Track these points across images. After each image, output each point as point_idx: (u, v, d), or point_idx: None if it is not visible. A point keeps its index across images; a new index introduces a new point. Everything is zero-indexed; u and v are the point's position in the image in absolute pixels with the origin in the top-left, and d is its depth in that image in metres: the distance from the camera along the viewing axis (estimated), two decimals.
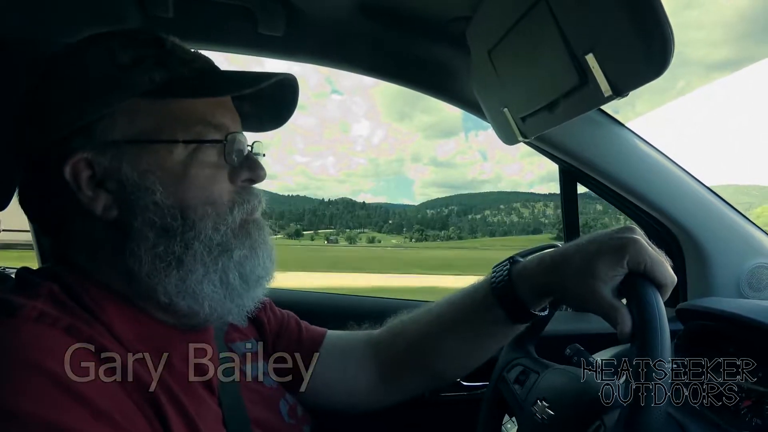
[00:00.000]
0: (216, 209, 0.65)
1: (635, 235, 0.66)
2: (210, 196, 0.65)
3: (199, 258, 0.64)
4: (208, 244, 0.64)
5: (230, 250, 0.66)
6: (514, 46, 0.93)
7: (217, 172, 0.66)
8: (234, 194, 0.68)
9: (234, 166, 0.68)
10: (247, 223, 0.69)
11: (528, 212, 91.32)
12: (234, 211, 0.67)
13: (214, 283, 0.65)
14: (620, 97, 0.71)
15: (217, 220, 0.65)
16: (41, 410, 0.45)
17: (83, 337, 0.53)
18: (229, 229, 0.66)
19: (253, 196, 0.70)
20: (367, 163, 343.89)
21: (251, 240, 0.68)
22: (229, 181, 0.68)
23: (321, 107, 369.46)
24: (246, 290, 0.68)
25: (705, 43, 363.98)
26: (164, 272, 0.62)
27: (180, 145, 0.64)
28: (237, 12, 1.11)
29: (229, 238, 0.66)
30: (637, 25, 0.63)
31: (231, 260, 0.66)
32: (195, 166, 0.64)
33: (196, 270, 0.63)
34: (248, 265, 0.67)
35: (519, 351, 0.95)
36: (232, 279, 0.66)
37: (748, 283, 1.28)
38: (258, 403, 0.75)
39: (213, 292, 0.65)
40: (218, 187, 0.66)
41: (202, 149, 0.65)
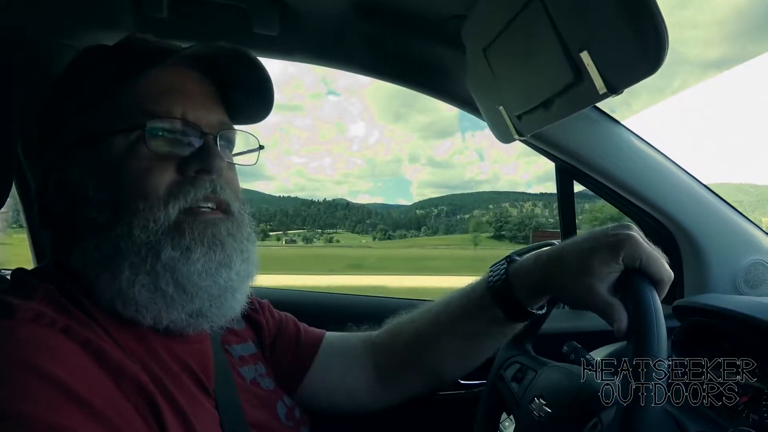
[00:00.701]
0: (148, 204, 0.61)
1: (631, 231, 0.66)
2: (142, 190, 0.61)
3: (127, 257, 0.60)
4: (135, 242, 0.60)
5: (159, 251, 0.60)
6: (509, 45, 0.93)
7: (156, 163, 0.62)
8: (174, 187, 0.63)
9: (185, 157, 0.65)
10: (183, 221, 0.62)
11: (516, 211, 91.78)
12: (169, 206, 0.61)
13: (148, 289, 0.60)
14: (615, 94, 0.71)
15: (148, 215, 0.60)
16: (38, 411, 0.45)
17: (80, 338, 0.53)
18: (159, 227, 0.61)
19: (198, 187, 0.64)
20: (364, 163, 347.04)
21: (185, 239, 0.62)
22: (176, 171, 0.64)
23: (317, 108, 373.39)
24: (187, 300, 0.62)
25: (700, 41, 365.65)
26: (95, 272, 0.60)
27: (119, 138, 0.62)
28: (231, 12, 1.11)
29: (157, 236, 0.60)
30: (632, 22, 0.63)
31: (159, 261, 0.60)
32: (132, 158, 0.62)
33: (123, 271, 0.59)
34: (182, 270, 0.61)
35: (516, 349, 0.95)
36: (164, 285, 0.60)
37: (745, 280, 1.28)
38: (256, 406, 0.74)
39: (148, 299, 0.60)
40: (154, 180, 0.62)
41: (143, 141, 0.62)
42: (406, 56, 1.29)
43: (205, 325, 0.65)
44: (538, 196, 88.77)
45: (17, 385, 0.46)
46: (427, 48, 1.25)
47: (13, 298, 0.54)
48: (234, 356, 0.79)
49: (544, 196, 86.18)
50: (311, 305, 1.56)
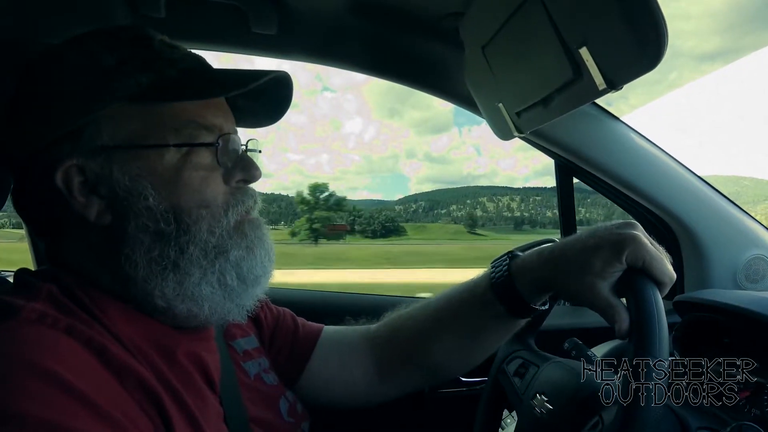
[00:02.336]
0: (210, 212, 0.64)
1: (635, 230, 0.66)
2: (204, 199, 0.64)
3: (195, 261, 0.63)
4: (203, 247, 0.63)
5: (227, 251, 0.65)
6: (508, 42, 0.93)
7: (210, 174, 0.65)
8: (228, 195, 0.66)
9: (228, 168, 0.68)
10: (242, 223, 0.68)
11: (493, 206, 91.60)
12: (229, 213, 0.66)
13: (212, 285, 0.64)
14: (615, 90, 0.71)
15: (212, 222, 0.64)
16: (42, 411, 0.45)
17: (83, 337, 0.53)
18: (224, 231, 0.65)
19: (248, 196, 0.69)
20: (362, 160, 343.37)
21: (247, 240, 0.67)
22: (223, 182, 0.67)
23: (312, 105, 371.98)
24: (244, 290, 0.67)
25: (693, 34, 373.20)
26: (160, 276, 0.62)
27: (171, 149, 0.63)
28: (229, 11, 1.11)
29: (224, 239, 0.65)
30: (631, 18, 0.63)
31: (228, 261, 0.65)
32: (187, 169, 0.63)
33: (193, 273, 0.63)
34: (245, 265, 0.67)
35: (519, 343, 0.95)
36: (230, 280, 0.65)
37: (745, 275, 1.28)
38: (257, 402, 0.74)
39: (212, 293, 0.64)
40: (212, 190, 0.65)
41: (195, 152, 0.64)
42: (405, 54, 1.29)
43: (243, 311, 0.70)
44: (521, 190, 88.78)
45: (21, 386, 0.46)
46: (426, 46, 1.25)
47: (16, 299, 0.54)
48: (238, 351, 0.80)
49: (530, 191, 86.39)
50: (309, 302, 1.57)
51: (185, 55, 0.69)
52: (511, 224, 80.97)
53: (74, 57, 0.64)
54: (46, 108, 0.62)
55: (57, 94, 0.62)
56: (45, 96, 0.63)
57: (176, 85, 0.64)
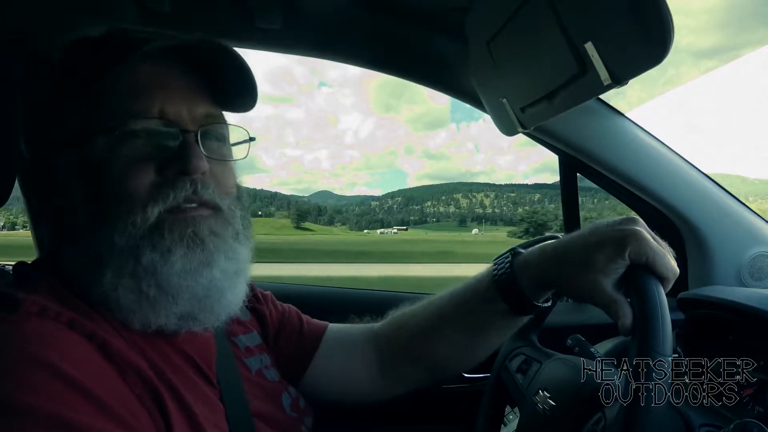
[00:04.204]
0: (129, 206, 0.59)
1: (637, 226, 0.65)
2: (122, 193, 0.59)
3: (108, 261, 0.58)
4: (116, 246, 0.58)
5: (138, 254, 0.59)
6: (513, 37, 0.92)
7: (136, 165, 0.60)
8: (153, 189, 0.60)
9: (166, 157, 0.62)
10: (164, 220, 0.60)
11: (467, 203, 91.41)
12: (148, 208, 0.59)
13: (131, 291, 0.59)
14: (620, 85, 0.71)
15: (128, 219, 0.59)
16: (45, 404, 0.45)
17: (85, 331, 0.53)
18: (139, 230, 0.59)
19: (178, 189, 0.61)
20: (360, 156, 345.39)
21: (164, 242, 0.60)
22: (156, 173, 0.61)
23: (309, 99, 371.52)
24: (169, 301, 0.60)
25: (691, 29, 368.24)
26: (84, 276, 0.60)
27: (100, 140, 0.60)
28: (233, 6, 1.11)
29: (138, 240, 0.59)
30: (637, 12, 0.63)
31: (139, 265, 0.58)
32: (113, 160, 0.60)
33: (106, 274, 0.58)
34: (162, 271, 0.59)
35: (522, 340, 0.95)
36: (146, 288, 0.59)
37: (749, 272, 1.28)
38: (260, 397, 0.75)
39: (132, 301, 0.59)
40: (134, 182, 0.60)
41: (123, 142, 0.60)
42: (410, 49, 1.29)
43: (196, 327, 0.64)
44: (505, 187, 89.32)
45: (24, 378, 0.46)
46: (431, 41, 1.25)
47: (18, 292, 0.54)
48: (240, 347, 0.80)
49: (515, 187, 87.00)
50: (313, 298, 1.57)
51: (144, 38, 0.63)
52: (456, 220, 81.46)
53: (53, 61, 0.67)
54: (33, 108, 0.67)
55: (35, 96, 0.68)
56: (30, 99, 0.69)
57: (89, 68, 0.61)
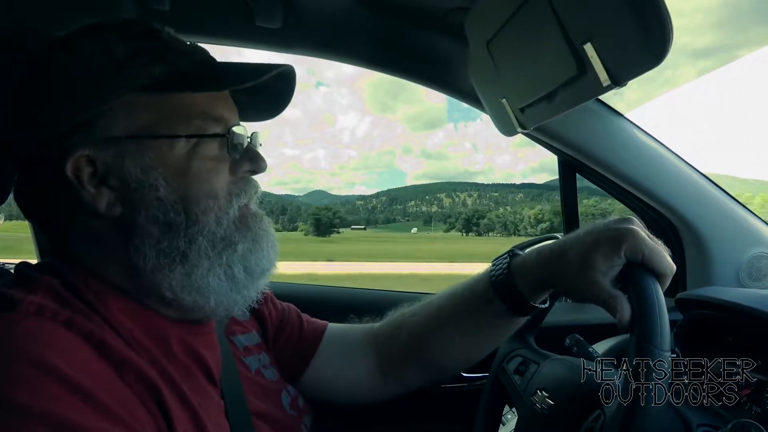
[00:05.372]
0: (218, 203, 0.65)
1: (632, 225, 0.67)
2: (212, 190, 0.65)
3: (203, 253, 0.64)
4: (211, 238, 0.64)
5: (234, 243, 0.66)
6: (512, 37, 0.92)
7: (218, 165, 0.66)
8: (231, 185, 0.67)
9: (235, 159, 0.68)
10: (245, 216, 0.69)
11: (450, 202, 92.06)
12: (233, 203, 0.66)
13: (220, 277, 0.65)
14: (619, 86, 0.71)
15: (219, 213, 0.65)
16: (41, 403, 0.45)
17: (83, 330, 0.53)
18: (231, 222, 0.66)
19: (250, 186, 0.70)
20: (358, 155, 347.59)
21: (252, 232, 0.68)
22: (229, 173, 0.67)
23: (307, 98, 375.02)
24: (251, 282, 0.68)
25: (687, 30, 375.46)
26: (169, 268, 0.62)
27: (182, 140, 0.63)
28: (233, 4, 1.11)
29: (231, 231, 0.66)
30: (636, 13, 0.63)
31: (235, 254, 0.66)
32: (197, 160, 0.64)
33: (201, 265, 0.64)
34: (252, 258, 0.68)
35: (519, 342, 0.95)
36: (237, 273, 0.66)
37: (748, 273, 1.28)
38: (259, 396, 0.75)
39: (218, 285, 0.65)
40: (219, 180, 0.66)
41: (204, 143, 0.64)
42: (409, 49, 1.29)
43: (245, 304, 0.70)
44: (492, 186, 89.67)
45: (20, 378, 0.46)
46: (430, 41, 1.25)
47: (16, 292, 0.54)
48: (238, 346, 0.80)
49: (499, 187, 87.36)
50: (313, 297, 1.57)
51: (194, 47, 0.69)
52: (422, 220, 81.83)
53: (87, 46, 0.64)
54: (57, 98, 0.62)
55: (69, 84, 0.62)
56: (57, 86, 0.63)
57: (188, 77, 0.65)
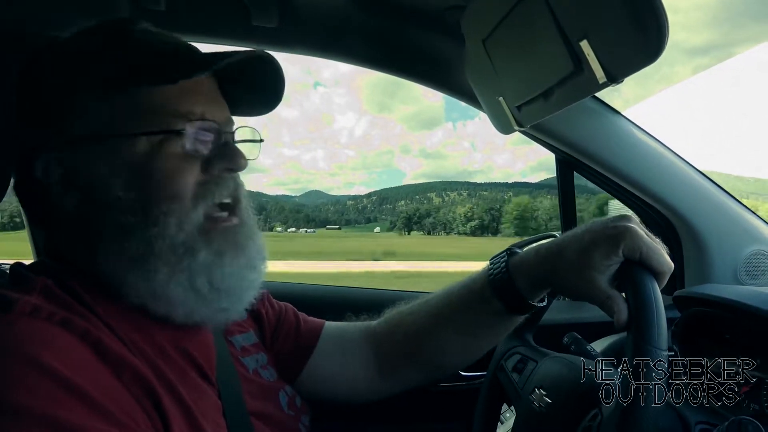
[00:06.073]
0: (180, 205, 0.61)
1: (630, 223, 0.66)
2: (173, 191, 0.61)
3: (163, 257, 0.61)
4: (171, 242, 0.61)
5: (194, 251, 0.62)
6: (509, 35, 0.92)
7: (183, 164, 0.63)
8: (199, 186, 0.63)
9: (206, 156, 0.65)
10: (210, 229, 0.64)
11: (439, 201, 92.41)
12: (198, 206, 0.62)
13: (183, 286, 0.61)
14: (615, 83, 0.71)
15: (181, 216, 0.61)
16: (37, 404, 0.45)
17: (79, 330, 0.53)
18: (194, 228, 0.62)
19: (222, 186, 0.65)
20: (357, 155, 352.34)
21: (215, 245, 0.64)
22: (201, 171, 0.64)
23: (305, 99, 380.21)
24: (219, 298, 0.64)
25: (683, 26, 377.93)
26: (130, 271, 0.60)
27: (143, 138, 0.61)
28: (229, 3, 1.11)
29: (194, 237, 0.62)
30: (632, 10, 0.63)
31: (195, 263, 0.62)
32: (159, 158, 0.61)
33: (160, 270, 0.60)
34: (216, 272, 0.63)
35: (517, 339, 0.95)
36: (200, 285, 0.62)
37: (746, 270, 1.28)
38: (257, 396, 0.74)
39: (183, 296, 0.62)
40: (183, 180, 0.62)
41: (168, 140, 0.62)
42: (406, 48, 1.29)
43: (223, 318, 0.68)
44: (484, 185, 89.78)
45: (16, 378, 0.46)
46: (426, 39, 1.25)
47: (11, 292, 0.54)
48: (236, 346, 0.80)
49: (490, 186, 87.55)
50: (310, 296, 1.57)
51: (164, 40, 0.67)
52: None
53: (60, 50, 0.65)
54: (31, 102, 0.64)
55: (43, 87, 0.64)
56: (30, 91, 0.65)
57: (145, 71, 0.62)
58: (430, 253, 53.24)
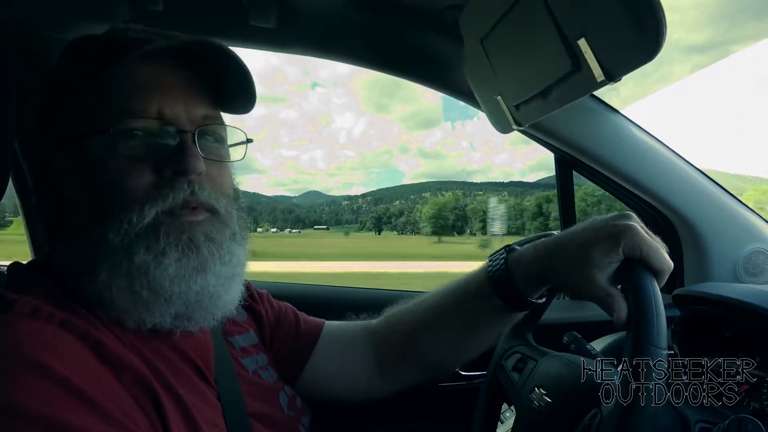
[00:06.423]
0: (124, 206, 0.59)
1: (631, 221, 0.66)
2: (118, 192, 0.59)
3: (103, 260, 0.58)
4: (110, 245, 0.58)
5: (131, 253, 0.58)
6: (507, 34, 0.92)
7: (133, 165, 0.60)
8: (150, 189, 0.60)
9: (160, 157, 0.62)
10: (161, 223, 0.60)
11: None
12: (144, 208, 0.59)
13: (125, 291, 0.59)
14: (613, 81, 0.71)
15: (124, 219, 0.58)
16: (37, 405, 0.45)
17: (79, 331, 0.53)
18: (133, 229, 0.58)
19: (176, 190, 0.61)
20: (356, 155, 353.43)
21: (159, 244, 0.59)
22: (154, 173, 0.61)
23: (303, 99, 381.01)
24: (162, 304, 0.60)
25: (681, 25, 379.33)
26: (79, 273, 0.59)
27: (94, 139, 0.60)
28: (227, 3, 1.10)
29: (133, 240, 0.58)
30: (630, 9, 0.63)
31: (132, 264, 0.58)
32: (109, 159, 0.60)
33: (101, 273, 0.58)
34: (155, 275, 0.59)
35: (517, 339, 0.95)
36: (139, 288, 0.59)
37: (745, 269, 1.28)
38: (257, 397, 0.74)
39: (127, 302, 0.59)
40: (131, 182, 0.59)
41: (120, 140, 0.60)
42: (404, 47, 1.28)
43: (191, 326, 0.64)
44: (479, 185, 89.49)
45: (16, 379, 0.46)
46: (425, 39, 1.25)
47: (11, 293, 0.54)
48: (236, 347, 0.79)
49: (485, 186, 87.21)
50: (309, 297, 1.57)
51: (130, 37, 0.64)
52: None
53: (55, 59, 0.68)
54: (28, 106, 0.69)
55: (34, 93, 0.68)
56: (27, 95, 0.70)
57: (91, 68, 0.61)
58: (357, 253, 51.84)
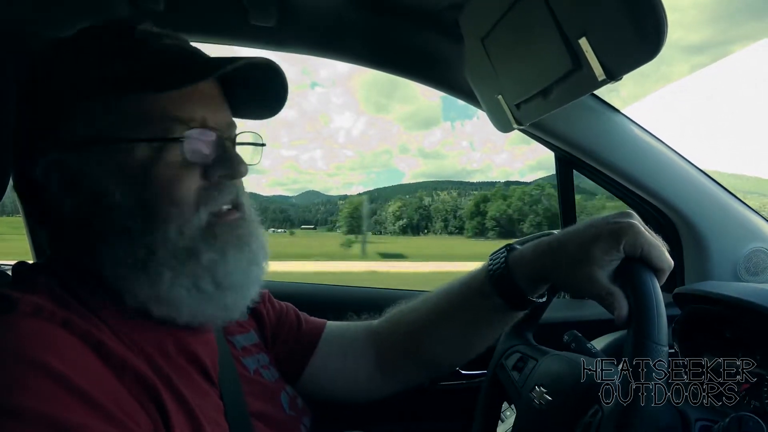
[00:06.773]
0: (180, 210, 0.61)
1: (632, 220, 0.66)
2: (173, 197, 0.61)
3: (165, 262, 0.60)
4: (172, 248, 0.61)
5: (197, 253, 0.62)
6: (507, 33, 0.92)
7: (183, 170, 0.62)
8: (202, 192, 0.63)
9: (207, 162, 0.64)
10: (214, 224, 0.64)
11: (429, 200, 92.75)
12: (200, 211, 0.62)
13: (188, 288, 0.62)
14: (614, 80, 0.71)
15: (181, 221, 0.61)
16: (38, 405, 0.45)
17: (80, 331, 0.53)
18: (194, 231, 0.62)
19: (225, 193, 0.65)
20: (355, 155, 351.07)
21: (219, 242, 0.63)
22: (202, 177, 0.64)
23: (302, 99, 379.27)
24: (223, 295, 0.65)
25: (680, 25, 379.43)
26: (129, 277, 0.60)
27: (142, 144, 0.61)
28: (227, 3, 1.10)
29: (195, 241, 0.62)
30: (630, 8, 0.63)
31: (199, 265, 0.62)
32: (158, 165, 0.61)
33: (163, 274, 0.60)
34: (220, 270, 0.63)
35: (517, 338, 0.95)
36: (204, 285, 0.62)
37: (746, 267, 1.28)
38: (258, 397, 0.74)
39: (188, 297, 0.62)
40: (184, 186, 0.62)
41: (167, 147, 0.61)
42: (405, 46, 1.28)
43: (227, 316, 0.68)
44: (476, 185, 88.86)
45: (17, 379, 0.46)
46: (425, 38, 1.25)
47: (13, 292, 0.54)
48: (237, 347, 0.79)
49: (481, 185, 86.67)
50: (311, 296, 1.57)
51: (167, 44, 0.66)
52: None
53: (63, 52, 0.65)
54: (33, 105, 0.64)
55: (45, 90, 0.64)
56: (32, 94, 0.65)
57: (148, 77, 0.62)
58: None
